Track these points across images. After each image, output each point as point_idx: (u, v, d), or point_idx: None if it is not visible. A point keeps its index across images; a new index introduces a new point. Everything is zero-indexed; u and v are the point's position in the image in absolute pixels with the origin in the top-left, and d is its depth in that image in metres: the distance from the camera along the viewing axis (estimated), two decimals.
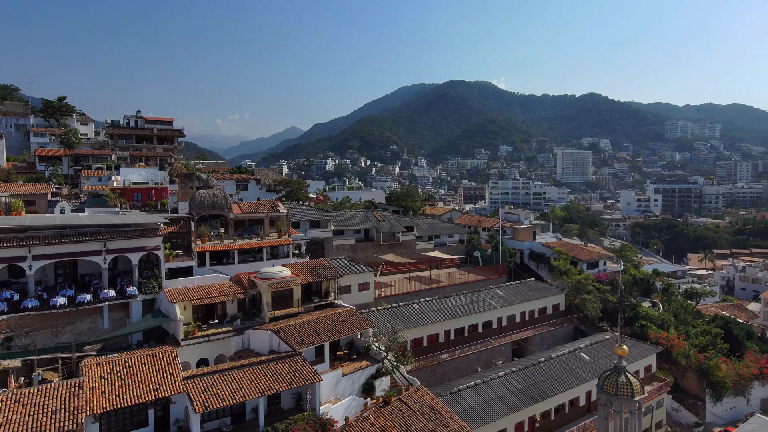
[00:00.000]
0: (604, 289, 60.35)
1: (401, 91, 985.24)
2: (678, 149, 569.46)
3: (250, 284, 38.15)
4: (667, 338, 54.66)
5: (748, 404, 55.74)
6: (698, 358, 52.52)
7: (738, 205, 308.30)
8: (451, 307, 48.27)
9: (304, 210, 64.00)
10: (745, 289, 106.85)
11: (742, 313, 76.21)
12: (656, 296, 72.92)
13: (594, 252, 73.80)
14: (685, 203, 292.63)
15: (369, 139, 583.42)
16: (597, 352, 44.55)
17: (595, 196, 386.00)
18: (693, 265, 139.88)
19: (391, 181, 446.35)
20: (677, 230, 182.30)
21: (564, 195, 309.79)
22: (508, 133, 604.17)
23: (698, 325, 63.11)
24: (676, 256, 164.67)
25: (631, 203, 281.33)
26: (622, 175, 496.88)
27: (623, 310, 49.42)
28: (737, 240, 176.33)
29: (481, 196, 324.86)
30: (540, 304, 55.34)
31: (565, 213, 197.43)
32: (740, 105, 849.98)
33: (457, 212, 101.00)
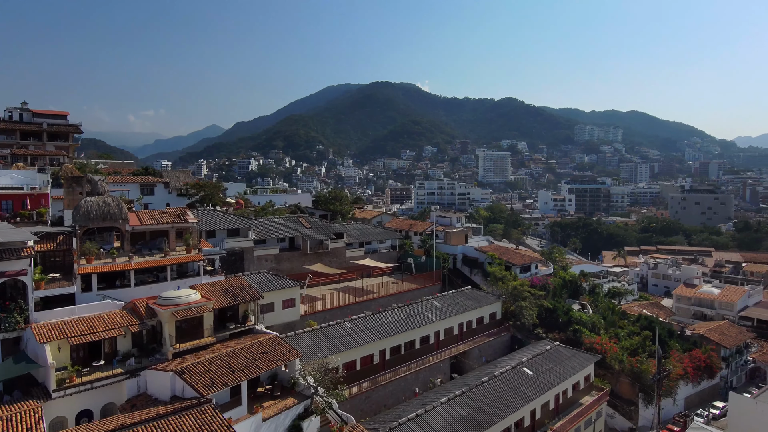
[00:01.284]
0: (539, 295, 59.17)
1: (327, 90, 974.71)
2: (586, 152, 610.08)
3: (148, 312, 31.53)
4: (601, 343, 54.25)
5: (675, 404, 56.85)
6: (631, 363, 52.45)
7: (640, 204, 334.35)
8: (386, 324, 44.12)
9: (220, 217, 57.10)
10: (657, 285, 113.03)
11: (660, 311, 79.23)
12: (584, 298, 73.69)
13: (526, 255, 73.19)
14: (595, 202, 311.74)
15: (294, 138, 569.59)
16: (539, 365, 42.41)
17: (514, 196, 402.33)
18: (608, 262, 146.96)
19: (317, 182, 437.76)
20: (592, 228, 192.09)
21: (487, 195, 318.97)
22: (432, 134, 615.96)
23: (625, 326, 64.01)
24: (591, 253, 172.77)
25: (548, 203, 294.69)
26: (538, 175, 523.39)
27: (659, 380, 45.78)
28: (644, 237, 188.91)
29: (407, 196, 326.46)
30: (478, 314, 52.83)
31: (489, 213, 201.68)
32: (638, 112, 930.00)
33: (388, 215, 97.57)
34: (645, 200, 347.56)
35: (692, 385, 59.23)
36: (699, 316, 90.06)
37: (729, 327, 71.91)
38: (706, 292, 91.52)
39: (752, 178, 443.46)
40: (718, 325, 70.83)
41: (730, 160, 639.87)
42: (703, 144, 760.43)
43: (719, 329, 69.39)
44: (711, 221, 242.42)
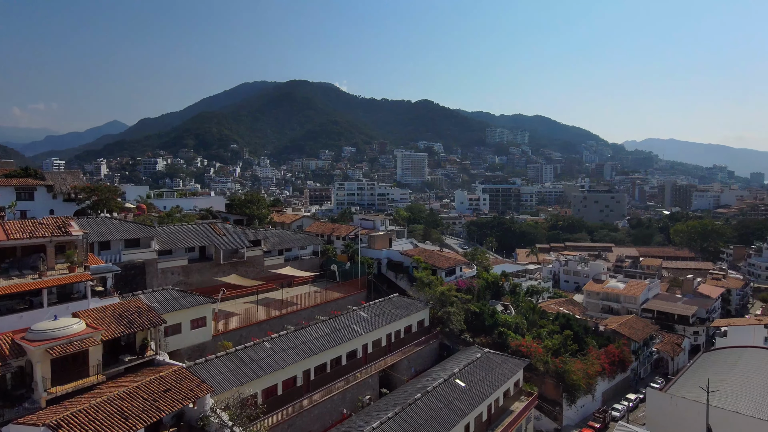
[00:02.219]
0: (465, 299, 58.34)
1: (242, 87, 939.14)
2: (497, 153, 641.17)
3: (14, 350, 25.50)
4: (526, 345, 54.41)
5: (593, 400, 58.62)
6: (555, 364, 53.04)
7: (546, 203, 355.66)
8: (310, 341, 40.44)
9: (116, 226, 50.00)
10: (568, 281, 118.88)
11: (575, 308, 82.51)
12: (506, 298, 74.55)
13: (451, 258, 72.62)
14: (507, 201, 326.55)
15: (206, 137, 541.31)
16: (472, 375, 41.01)
17: (432, 196, 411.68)
18: (522, 260, 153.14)
19: (231, 183, 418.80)
20: (506, 227, 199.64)
21: (406, 195, 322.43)
22: (351, 134, 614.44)
23: (546, 325, 65.26)
24: (506, 251, 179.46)
25: (464, 202, 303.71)
26: (453, 175, 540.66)
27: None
28: (552, 235, 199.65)
29: (327, 197, 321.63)
30: (406, 322, 50.69)
31: (409, 213, 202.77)
32: (542, 117, 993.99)
33: (309, 219, 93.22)
34: (551, 199, 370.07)
35: (608, 379, 61.59)
36: (607, 309, 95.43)
37: (636, 321, 76.34)
38: (613, 287, 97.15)
39: (639, 179, 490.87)
40: (627, 320, 74.86)
41: (621, 161, 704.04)
42: (598, 147, 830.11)
43: (628, 323, 73.31)
44: (608, 218, 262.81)
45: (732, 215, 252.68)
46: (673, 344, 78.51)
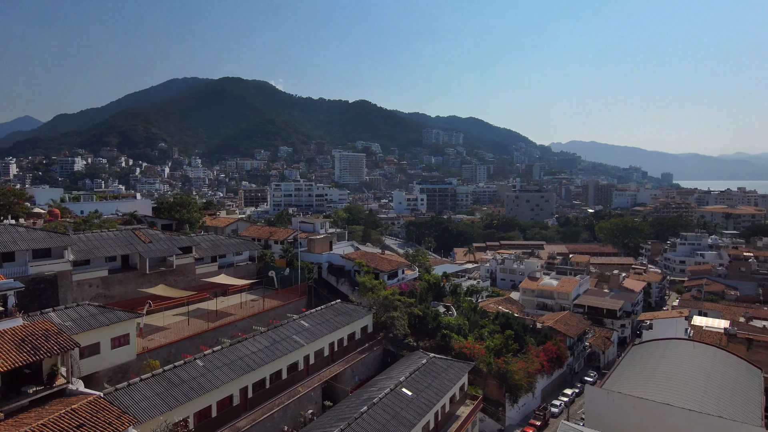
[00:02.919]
0: (408, 303, 57.49)
1: (171, 83, 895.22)
2: (433, 154, 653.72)
3: None
4: (469, 347, 54.37)
5: (533, 398, 59.74)
6: (498, 364, 53.35)
7: (481, 202, 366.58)
8: (247, 356, 37.69)
9: (22, 234, 44.53)
10: (504, 279, 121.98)
11: (513, 306, 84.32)
12: (447, 299, 74.71)
13: (393, 261, 71.67)
14: (443, 201, 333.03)
15: (132, 135, 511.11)
16: (418, 382, 40.00)
17: (370, 196, 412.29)
18: (459, 259, 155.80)
19: (160, 183, 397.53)
20: (443, 227, 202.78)
21: (344, 196, 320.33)
22: (287, 134, 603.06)
23: (486, 325, 65.86)
24: (444, 251, 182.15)
25: (402, 202, 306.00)
26: (390, 176, 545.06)
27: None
28: (488, 233, 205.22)
29: (263, 198, 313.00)
30: (349, 330, 48.91)
31: (348, 214, 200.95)
32: (476, 118, 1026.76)
33: (245, 222, 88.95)
34: (485, 199, 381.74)
35: (547, 376, 63.08)
36: (541, 306, 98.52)
37: (570, 317, 79.11)
38: (547, 284, 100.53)
39: (566, 179, 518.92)
40: (562, 316, 77.36)
41: (548, 162, 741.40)
42: (527, 148, 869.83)
43: (563, 320, 75.77)
44: (539, 217, 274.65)
45: (648, 213, 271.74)
46: (604, 338, 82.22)
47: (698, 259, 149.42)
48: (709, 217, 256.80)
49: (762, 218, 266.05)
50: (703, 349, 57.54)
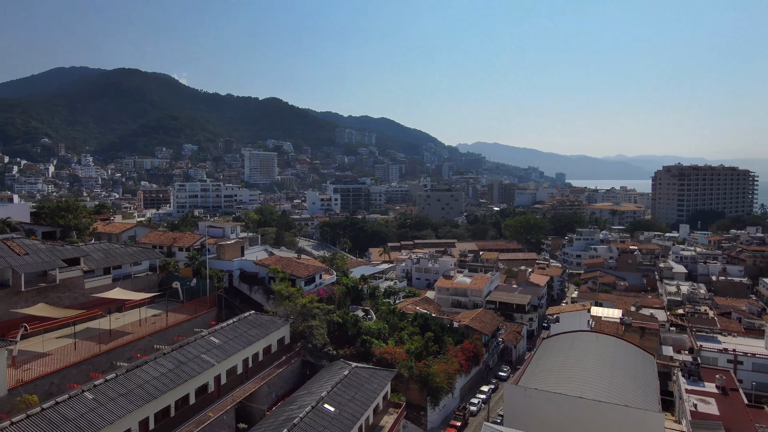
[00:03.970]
0: (327, 309, 55.24)
1: (56, 72, 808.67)
2: (346, 153, 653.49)
3: None
4: (390, 352, 53.38)
5: (453, 398, 60.20)
6: (419, 368, 52.88)
7: (394, 202, 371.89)
8: (148, 382, 33.33)
9: None
10: (420, 278, 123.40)
11: (431, 305, 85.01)
12: (366, 303, 73.44)
13: (310, 265, 68.82)
14: (357, 201, 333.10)
15: (7, 128, 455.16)
16: (340, 396, 38.00)
17: (282, 196, 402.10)
18: (375, 259, 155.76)
19: (43, 183, 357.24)
20: (358, 227, 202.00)
21: (255, 196, 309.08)
22: (192, 131, 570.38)
23: (406, 327, 65.50)
24: (359, 251, 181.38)
25: (316, 203, 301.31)
26: (303, 175, 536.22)
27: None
28: (402, 233, 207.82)
29: (165, 199, 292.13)
30: (265, 343, 45.63)
31: (260, 216, 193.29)
32: (387, 119, 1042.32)
33: (144, 228, 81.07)
34: (397, 198, 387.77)
35: (465, 375, 63.95)
36: (456, 304, 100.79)
37: (485, 314, 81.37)
38: (461, 282, 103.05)
39: (472, 178, 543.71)
40: (477, 314, 79.28)
41: (456, 162, 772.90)
42: (436, 149, 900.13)
43: (479, 317, 77.67)
44: (449, 215, 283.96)
45: (546, 210, 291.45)
46: (515, 332, 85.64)
47: (592, 252, 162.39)
48: (598, 213, 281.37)
49: (641, 214, 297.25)
50: (605, 339, 61.53)
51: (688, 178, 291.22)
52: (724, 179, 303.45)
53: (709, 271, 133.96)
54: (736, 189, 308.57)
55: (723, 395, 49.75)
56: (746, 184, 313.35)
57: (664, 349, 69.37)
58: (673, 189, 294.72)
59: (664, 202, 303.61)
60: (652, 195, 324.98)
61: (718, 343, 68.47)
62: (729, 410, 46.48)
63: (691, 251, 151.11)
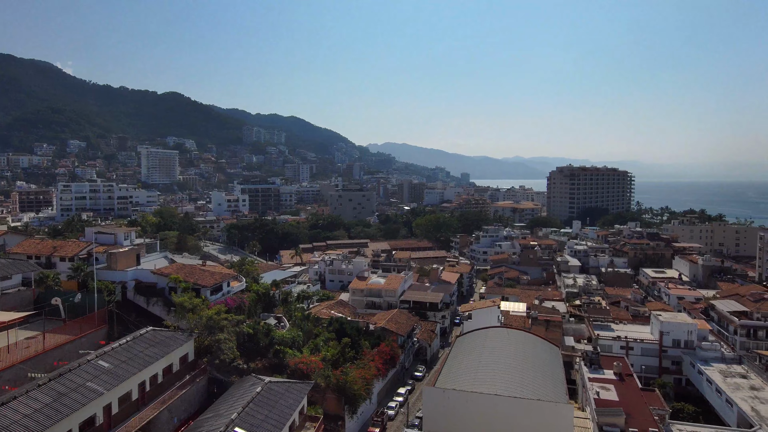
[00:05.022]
0: (237, 320, 51.39)
1: None
2: (254, 152, 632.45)
3: None
4: (306, 362, 50.83)
5: (370, 403, 58.98)
6: (336, 376, 50.91)
7: (305, 202, 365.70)
8: (16, 422, 28.00)
9: None
10: (333, 280, 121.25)
11: (346, 309, 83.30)
12: (278, 310, 70.09)
13: (216, 273, 63.89)
14: (267, 202, 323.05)
15: None
16: (253, 416, 34.81)
17: (185, 197, 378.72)
18: (286, 261, 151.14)
19: None
20: (268, 229, 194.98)
21: (154, 198, 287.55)
22: (79, 126, 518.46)
23: (321, 333, 63.21)
24: (270, 254, 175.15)
25: (222, 204, 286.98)
26: (208, 175, 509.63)
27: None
28: (314, 233, 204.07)
29: (46, 201, 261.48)
30: (165, 363, 41.01)
31: (159, 219, 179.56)
32: (297, 118, 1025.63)
33: (18, 235, 70.64)
34: (309, 198, 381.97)
35: (382, 379, 63.06)
36: (371, 305, 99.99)
37: (400, 315, 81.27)
38: (375, 283, 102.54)
39: (383, 178, 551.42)
40: (392, 315, 78.91)
41: (367, 162, 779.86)
42: (347, 148, 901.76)
43: (394, 318, 77.33)
44: (361, 215, 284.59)
45: (454, 209, 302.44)
46: (429, 331, 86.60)
47: (497, 249, 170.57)
48: (501, 211, 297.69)
49: (539, 211, 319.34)
50: (515, 334, 63.77)
51: (578, 178, 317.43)
52: (608, 179, 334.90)
53: (599, 263, 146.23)
54: (618, 188, 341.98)
55: (620, 381, 53.52)
56: (625, 183, 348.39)
57: (566, 340, 73.68)
58: (565, 188, 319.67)
59: (557, 200, 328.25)
60: (548, 194, 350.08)
61: (612, 332, 74.22)
62: (626, 395, 49.98)
63: (584, 245, 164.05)
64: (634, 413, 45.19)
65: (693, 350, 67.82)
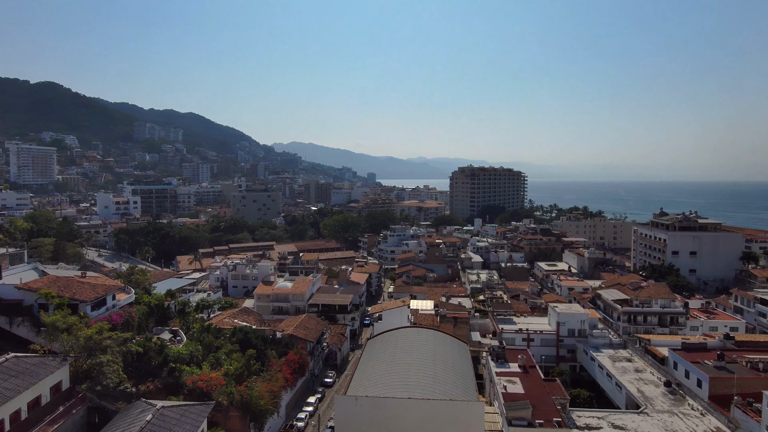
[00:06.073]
0: (123, 339, 45.51)
1: None
2: (147, 150, 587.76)
3: None
4: (205, 380, 46.39)
5: (278, 417, 55.71)
6: (240, 392, 47.08)
7: (205, 203, 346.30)
8: None
9: None
10: (237, 286, 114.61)
11: (251, 317, 78.46)
12: (174, 322, 64.01)
13: (98, 284, 56.38)
14: (162, 204, 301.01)
15: None
16: None
17: (64, 200, 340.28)
18: (184, 267, 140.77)
19: None
20: (164, 233, 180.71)
21: (26, 200, 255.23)
22: None
23: (223, 345, 58.64)
24: (165, 260, 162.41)
25: (110, 206, 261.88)
26: (93, 175, 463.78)
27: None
28: (215, 237, 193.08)
29: None
30: (30, 395, 34.77)
31: (32, 224, 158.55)
32: (196, 114, 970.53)
33: None
34: (209, 199, 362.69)
35: (290, 389, 59.96)
36: (278, 311, 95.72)
37: (308, 320, 78.31)
38: (282, 287, 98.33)
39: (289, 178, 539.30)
40: (301, 320, 75.77)
41: (272, 162, 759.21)
42: (251, 148, 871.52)
43: (303, 324, 74.27)
44: (266, 216, 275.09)
45: (361, 209, 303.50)
46: (339, 335, 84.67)
47: (404, 248, 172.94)
48: (407, 210, 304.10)
49: (442, 210, 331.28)
50: (425, 333, 64.01)
51: (478, 178, 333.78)
52: (504, 179, 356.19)
53: (499, 258, 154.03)
54: (513, 187, 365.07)
55: (525, 373, 55.55)
56: (519, 183, 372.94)
57: (473, 335, 75.75)
58: (467, 187, 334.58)
59: (459, 199, 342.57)
60: (450, 193, 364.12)
61: (514, 325, 77.52)
62: (531, 387, 51.88)
63: (485, 242, 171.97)
64: (539, 404, 46.87)
65: (585, 338, 72.88)
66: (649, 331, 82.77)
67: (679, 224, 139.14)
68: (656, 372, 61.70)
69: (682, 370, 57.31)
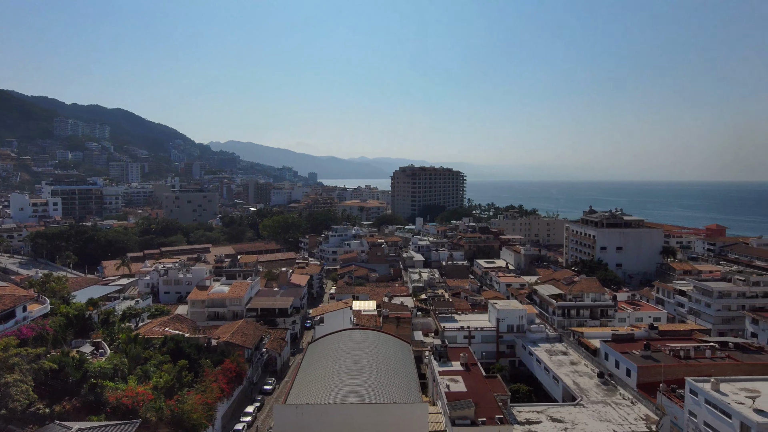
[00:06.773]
0: (35, 355, 41.09)
1: None
2: (70, 148, 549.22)
3: None
4: (131, 395, 42.85)
5: (214, 429, 52.69)
6: (170, 407, 43.91)
7: (135, 204, 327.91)
8: None
9: None
10: (169, 292, 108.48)
11: (184, 324, 74.06)
12: (96, 334, 59.15)
13: (6, 295, 50.78)
14: (86, 205, 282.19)
15: None
16: None
17: None
18: (111, 273, 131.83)
19: None
20: (87, 237, 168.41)
21: None
22: None
23: (152, 356, 54.76)
24: (89, 265, 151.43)
25: (26, 208, 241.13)
26: (6, 174, 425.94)
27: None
28: (145, 240, 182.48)
29: None
30: None
31: None
32: (124, 110, 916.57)
33: None
34: (139, 200, 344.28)
35: (227, 400, 56.98)
36: (213, 317, 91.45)
37: (246, 325, 75.10)
38: (218, 292, 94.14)
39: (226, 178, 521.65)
40: (238, 327, 72.47)
41: (208, 161, 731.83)
42: (185, 146, 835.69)
43: (240, 330, 71.09)
44: (202, 218, 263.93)
45: (302, 209, 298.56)
46: (279, 339, 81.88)
47: (346, 248, 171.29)
48: (349, 210, 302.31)
49: (384, 209, 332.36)
50: (368, 335, 62.91)
51: (418, 177, 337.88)
52: (444, 178, 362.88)
53: (440, 257, 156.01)
54: (452, 186, 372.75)
55: (467, 371, 55.85)
56: (458, 182, 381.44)
57: (416, 335, 75.63)
58: (408, 186, 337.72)
59: (400, 198, 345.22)
60: (392, 192, 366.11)
61: (455, 323, 78.20)
62: (473, 385, 52.17)
63: (426, 241, 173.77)
64: (481, 402, 47.11)
65: (524, 334, 74.77)
66: (582, 324, 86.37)
67: (606, 221, 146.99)
68: (590, 364, 64.19)
69: (612, 361, 59.91)
